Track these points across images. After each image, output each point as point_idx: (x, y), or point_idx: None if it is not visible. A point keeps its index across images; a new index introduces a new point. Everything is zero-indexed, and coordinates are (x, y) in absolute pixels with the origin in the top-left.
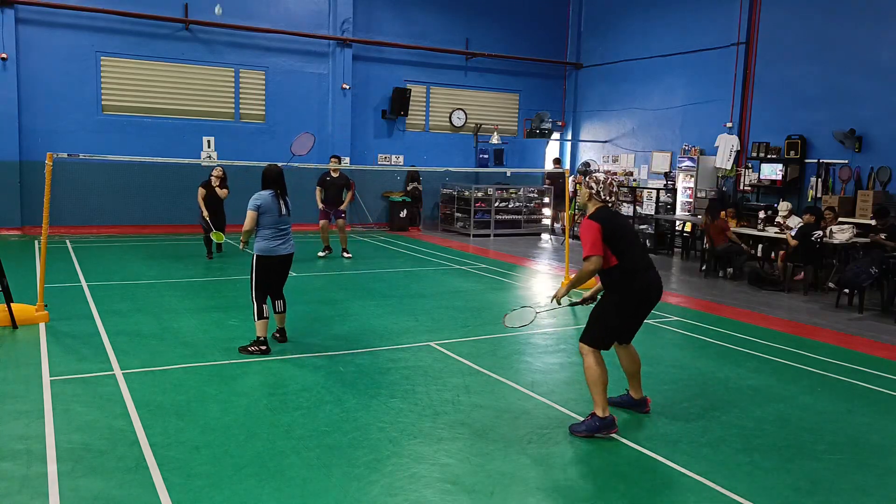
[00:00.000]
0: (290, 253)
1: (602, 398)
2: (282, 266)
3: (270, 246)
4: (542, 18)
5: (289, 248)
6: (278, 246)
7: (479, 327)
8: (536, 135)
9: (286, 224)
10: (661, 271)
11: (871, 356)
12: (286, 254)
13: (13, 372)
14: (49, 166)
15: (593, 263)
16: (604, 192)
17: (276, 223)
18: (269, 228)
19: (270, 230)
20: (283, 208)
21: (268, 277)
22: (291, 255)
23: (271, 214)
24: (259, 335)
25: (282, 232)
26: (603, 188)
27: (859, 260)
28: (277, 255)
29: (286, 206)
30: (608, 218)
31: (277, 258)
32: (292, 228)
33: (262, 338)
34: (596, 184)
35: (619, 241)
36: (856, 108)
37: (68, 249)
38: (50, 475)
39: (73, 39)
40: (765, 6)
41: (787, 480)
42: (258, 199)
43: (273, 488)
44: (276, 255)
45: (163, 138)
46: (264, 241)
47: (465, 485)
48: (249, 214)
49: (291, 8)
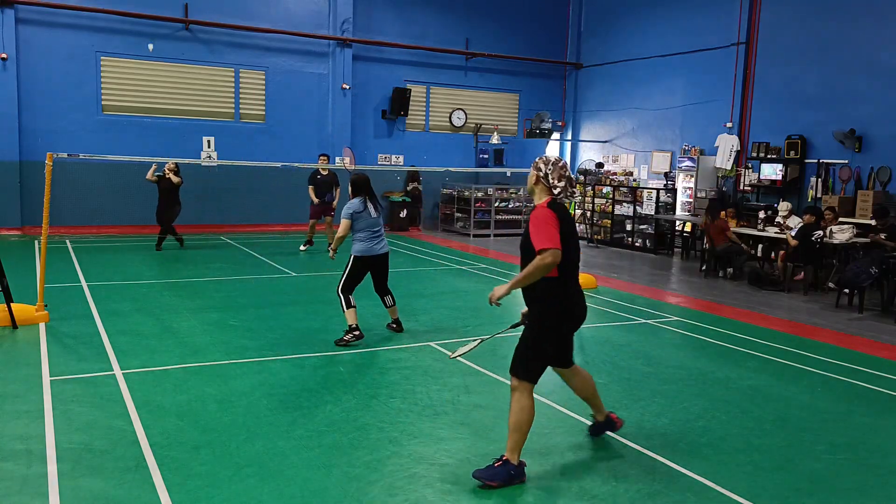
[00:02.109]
0: (386, 252)
1: (522, 443)
2: (381, 263)
3: (368, 246)
4: (542, 18)
5: (384, 247)
6: (374, 245)
7: (479, 327)
8: (536, 135)
9: (379, 226)
10: (661, 271)
11: (871, 356)
12: (383, 252)
13: (13, 372)
14: (49, 166)
15: (552, 256)
16: (553, 177)
17: (370, 226)
18: (364, 231)
19: (366, 232)
20: (373, 211)
21: (360, 276)
22: (387, 253)
23: (364, 219)
24: (350, 323)
25: (376, 233)
26: (552, 171)
27: (859, 260)
28: (375, 254)
29: (376, 209)
30: (562, 212)
31: (376, 257)
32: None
33: (353, 325)
34: (545, 165)
35: (565, 247)
36: (856, 108)
37: (68, 249)
38: (50, 475)
39: (73, 39)
40: (765, 6)
41: (787, 480)
42: (350, 208)
43: (273, 488)
44: (375, 255)
45: (163, 138)
46: (361, 242)
47: (465, 485)
48: (344, 223)
49: (291, 8)
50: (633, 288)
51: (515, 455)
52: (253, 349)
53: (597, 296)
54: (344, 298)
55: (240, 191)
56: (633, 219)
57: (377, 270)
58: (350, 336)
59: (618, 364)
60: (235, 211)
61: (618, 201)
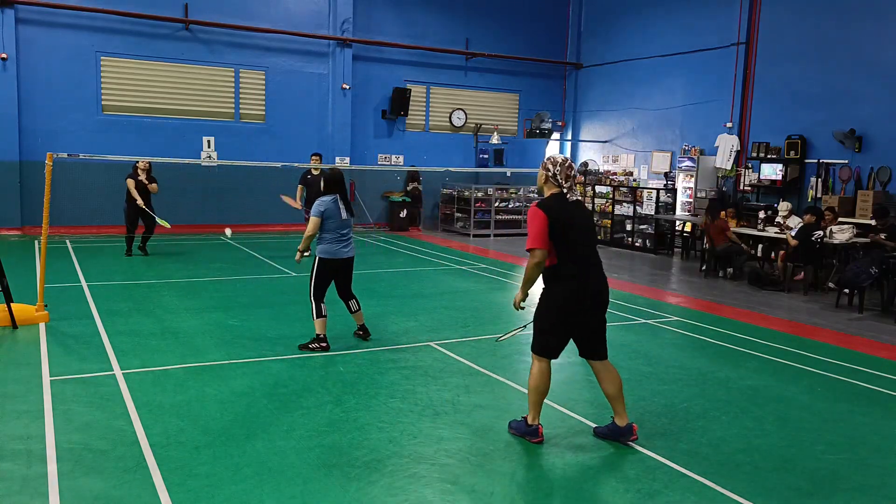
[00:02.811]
0: (351, 256)
1: (534, 406)
2: (345, 268)
3: (334, 249)
4: (542, 18)
5: (350, 250)
6: (340, 249)
7: (479, 327)
8: (536, 135)
9: (348, 228)
10: (661, 271)
11: (871, 356)
12: (348, 256)
13: (13, 372)
14: (49, 166)
15: (536, 257)
16: (560, 176)
17: (338, 227)
18: (331, 232)
19: (333, 234)
20: (344, 213)
21: (328, 279)
22: (353, 258)
23: (334, 219)
24: (318, 332)
25: (343, 235)
26: (560, 170)
27: (859, 260)
28: (340, 258)
29: (349, 211)
30: (558, 209)
31: (341, 261)
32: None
33: (321, 335)
34: (553, 165)
35: (563, 239)
36: (856, 108)
37: (68, 249)
38: (50, 475)
39: (73, 39)
40: (765, 6)
41: (787, 480)
42: (322, 205)
43: (273, 488)
44: (339, 258)
45: (163, 138)
46: (328, 244)
47: (465, 485)
48: (313, 220)
49: (291, 8)
50: (633, 288)
51: (531, 414)
52: (253, 349)
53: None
54: (315, 306)
55: (240, 191)
56: (633, 219)
57: (342, 275)
58: (315, 345)
59: (618, 364)
60: (235, 211)
61: (618, 201)
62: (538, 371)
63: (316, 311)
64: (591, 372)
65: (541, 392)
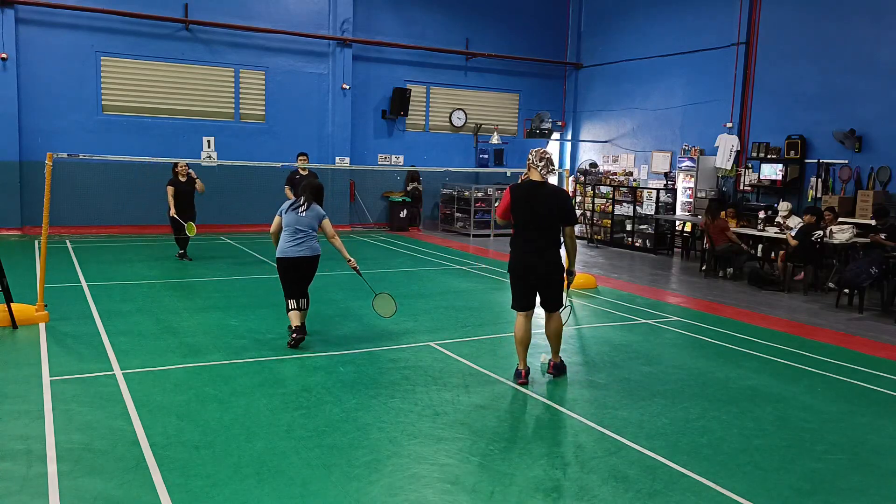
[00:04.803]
0: (300, 256)
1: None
2: (294, 268)
3: (283, 247)
4: (542, 18)
5: (302, 251)
6: (289, 248)
7: (479, 327)
8: (536, 135)
9: (294, 225)
10: (661, 271)
11: (871, 356)
12: (296, 256)
13: (13, 372)
14: (49, 166)
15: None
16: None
17: (287, 223)
18: (285, 229)
19: (286, 231)
20: (300, 210)
21: (288, 277)
22: (304, 258)
23: (287, 215)
24: (291, 324)
25: (295, 234)
26: (534, 156)
27: (859, 260)
28: (287, 256)
29: (302, 209)
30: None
31: (289, 260)
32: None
33: (293, 326)
34: (532, 155)
35: (515, 216)
36: (856, 108)
37: (68, 249)
38: (50, 475)
39: (73, 39)
40: (765, 6)
41: (787, 480)
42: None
43: (273, 488)
44: (287, 257)
45: (163, 138)
46: (281, 241)
47: (465, 485)
48: (275, 219)
49: (291, 8)
50: (633, 288)
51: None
52: (253, 349)
53: (597, 296)
54: (286, 303)
55: (240, 191)
56: (633, 219)
57: (291, 273)
58: (292, 336)
59: (618, 364)
60: (235, 211)
61: (618, 201)
62: (517, 322)
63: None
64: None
65: (518, 338)
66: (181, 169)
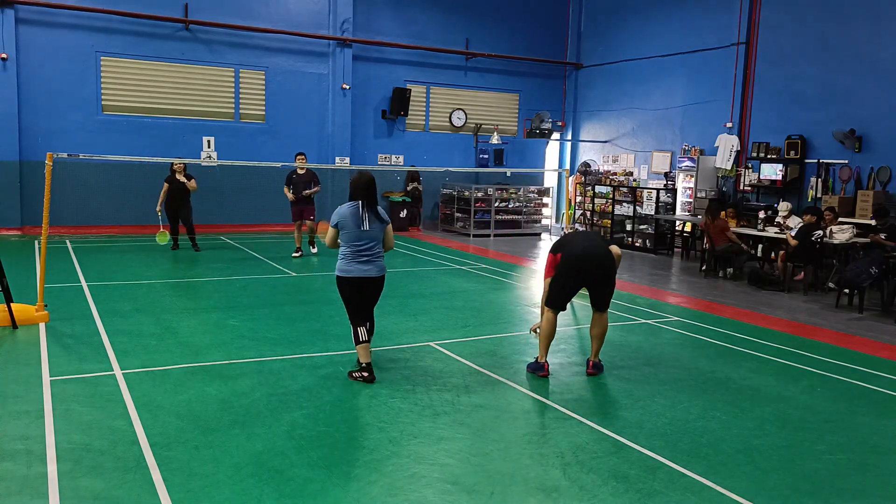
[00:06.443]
0: (371, 276)
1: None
2: (359, 291)
3: (347, 266)
4: (542, 18)
5: (370, 270)
6: (356, 266)
7: (479, 327)
8: (536, 135)
9: (364, 241)
10: (661, 271)
11: (871, 356)
12: (365, 276)
13: (13, 372)
14: (49, 166)
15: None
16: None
17: (352, 240)
18: (347, 246)
19: (349, 248)
20: (365, 223)
21: (355, 298)
22: (372, 278)
23: (349, 230)
24: (360, 361)
25: (360, 250)
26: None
27: (859, 260)
28: (351, 276)
29: (368, 222)
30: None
31: (356, 280)
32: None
33: (362, 364)
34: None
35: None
36: (856, 108)
37: (68, 249)
38: (50, 475)
39: (73, 39)
40: (765, 6)
41: (787, 480)
42: (337, 215)
43: (273, 488)
44: (351, 277)
45: (163, 138)
46: (342, 260)
47: (465, 485)
48: (330, 231)
49: (291, 8)
50: (633, 288)
51: (540, 353)
52: (253, 349)
53: None
54: (353, 329)
55: (240, 191)
56: (633, 219)
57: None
58: (358, 375)
59: (618, 364)
60: (235, 211)
61: (618, 201)
62: (546, 317)
63: (354, 336)
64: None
65: (548, 334)
66: (177, 167)
